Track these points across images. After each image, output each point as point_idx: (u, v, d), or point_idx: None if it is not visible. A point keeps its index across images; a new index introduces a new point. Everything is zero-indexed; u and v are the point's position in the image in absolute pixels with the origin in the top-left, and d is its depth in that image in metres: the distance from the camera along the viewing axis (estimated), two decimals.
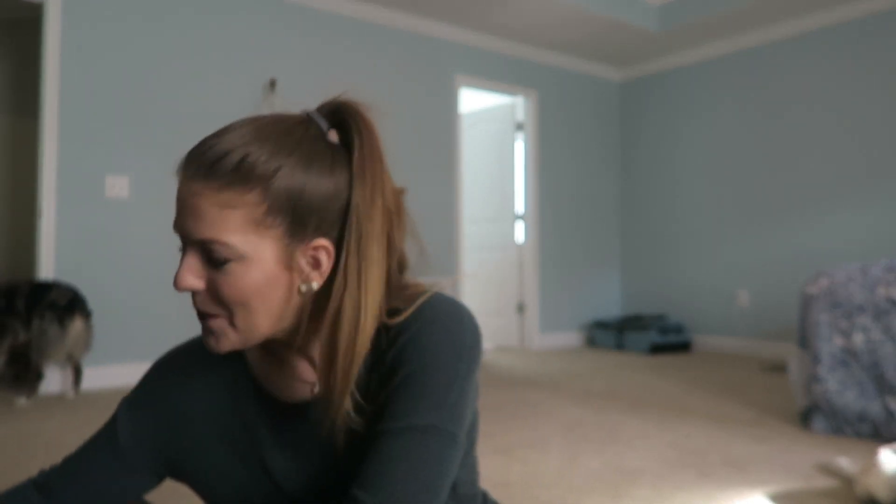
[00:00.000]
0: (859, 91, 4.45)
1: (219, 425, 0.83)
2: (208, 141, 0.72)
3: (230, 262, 0.69)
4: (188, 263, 0.70)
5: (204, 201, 0.69)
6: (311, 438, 0.80)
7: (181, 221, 0.70)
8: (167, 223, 3.76)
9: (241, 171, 0.69)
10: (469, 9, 4.57)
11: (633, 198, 5.86)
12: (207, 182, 0.69)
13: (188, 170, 0.70)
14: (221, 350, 0.73)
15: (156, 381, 0.87)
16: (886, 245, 4.21)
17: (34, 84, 3.64)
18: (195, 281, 0.70)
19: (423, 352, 0.73)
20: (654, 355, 4.90)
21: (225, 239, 0.68)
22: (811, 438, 2.51)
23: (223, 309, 0.71)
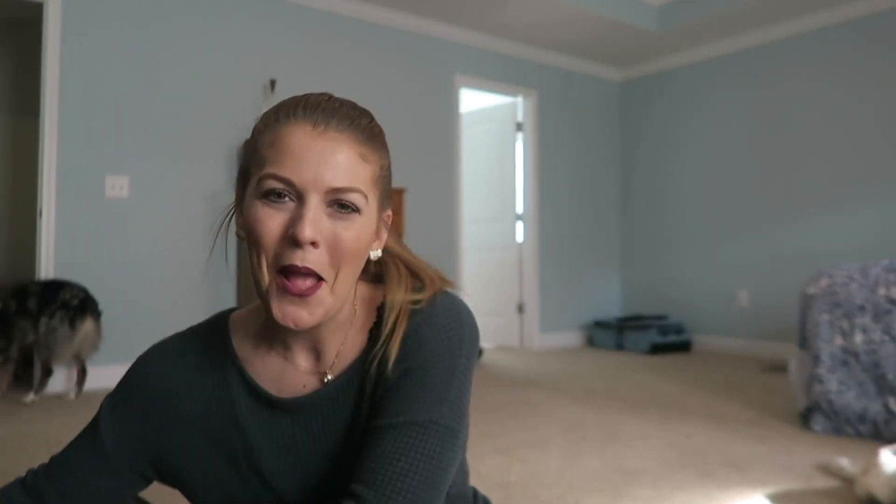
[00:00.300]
0: (859, 91, 4.45)
1: (206, 425, 0.80)
2: (327, 100, 0.73)
3: (357, 213, 0.70)
4: (312, 215, 0.67)
5: (350, 150, 0.70)
6: (305, 436, 0.78)
7: (313, 169, 0.68)
8: (167, 223, 3.76)
9: (372, 131, 0.74)
10: (469, 9, 4.57)
11: (633, 198, 5.86)
12: (352, 134, 0.71)
13: (328, 122, 0.70)
14: (308, 325, 0.70)
15: (138, 379, 0.82)
16: (886, 245, 4.21)
17: (34, 84, 3.64)
18: (319, 234, 0.68)
19: (423, 347, 0.73)
20: (654, 355, 4.89)
21: (363, 188, 0.70)
22: (811, 438, 2.51)
23: (333, 267, 0.69)
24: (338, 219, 0.69)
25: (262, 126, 0.73)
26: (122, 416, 0.82)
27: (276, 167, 0.69)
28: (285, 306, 0.69)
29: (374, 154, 0.73)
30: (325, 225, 0.69)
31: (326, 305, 0.71)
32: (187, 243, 3.81)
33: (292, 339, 0.78)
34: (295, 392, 0.78)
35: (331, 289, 0.70)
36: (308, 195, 0.68)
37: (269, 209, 0.69)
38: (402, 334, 0.74)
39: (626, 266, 5.89)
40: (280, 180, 0.68)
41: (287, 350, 0.79)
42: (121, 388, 0.84)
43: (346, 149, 0.70)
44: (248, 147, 0.75)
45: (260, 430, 0.78)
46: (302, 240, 0.66)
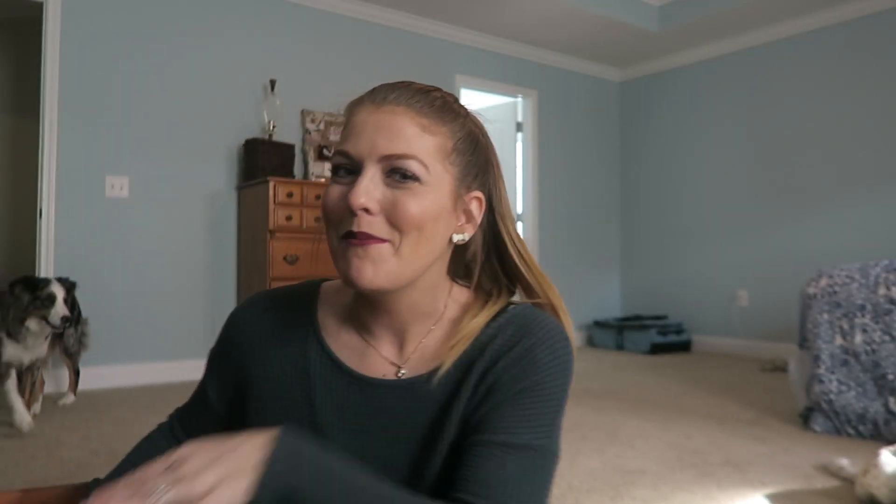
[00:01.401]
0: (859, 91, 4.45)
1: (279, 389, 0.79)
2: (395, 82, 0.75)
3: (416, 181, 0.70)
4: (366, 182, 0.69)
5: (406, 120, 0.71)
6: (377, 423, 0.76)
7: (369, 140, 0.70)
8: (167, 223, 3.76)
9: (442, 105, 0.74)
10: (469, 9, 4.57)
11: (633, 198, 5.85)
12: (411, 105, 0.71)
13: (387, 97, 0.72)
14: (372, 284, 0.70)
15: (228, 329, 0.85)
16: (886, 245, 4.21)
17: (34, 84, 3.64)
18: (372, 201, 0.69)
19: (538, 369, 0.72)
20: (654, 355, 4.89)
21: (422, 157, 0.70)
22: (811, 438, 2.51)
23: (395, 232, 0.70)
24: (396, 187, 0.70)
25: (344, 120, 0.77)
26: (216, 366, 0.86)
27: (341, 144, 0.72)
28: (350, 259, 0.70)
29: (441, 126, 0.73)
30: (381, 192, 0.69)
31: (391, 266, 0.70)
32: (187, 243, 3.81)
33: (374, 321, 0.78)
34: (381, 375, 0.77)
35: (395, 251, 0.70)
36: (364, 164, 0.70)
37: (334, 185, 0.73)
38: (514, 348, 0.73)
39: (626, 266, 5.89)
40: (340, 153, 0.72)
41: (369, 333, 0.79)
42: (218, 339, 0.87)
43: (402, 119, 0.70)
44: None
45: (331, 407, 0.77)
46: (352, 206, 0.68)
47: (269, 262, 3.55)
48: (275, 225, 3.56)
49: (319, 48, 4.32)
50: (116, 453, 1.98)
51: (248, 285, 3.80)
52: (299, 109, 4.17)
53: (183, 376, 3.70)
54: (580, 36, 5.09)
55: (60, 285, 2.58)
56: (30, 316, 2.54)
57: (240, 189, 3.93)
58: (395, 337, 0.78)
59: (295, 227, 3.62)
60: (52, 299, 2.53)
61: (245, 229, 3.87)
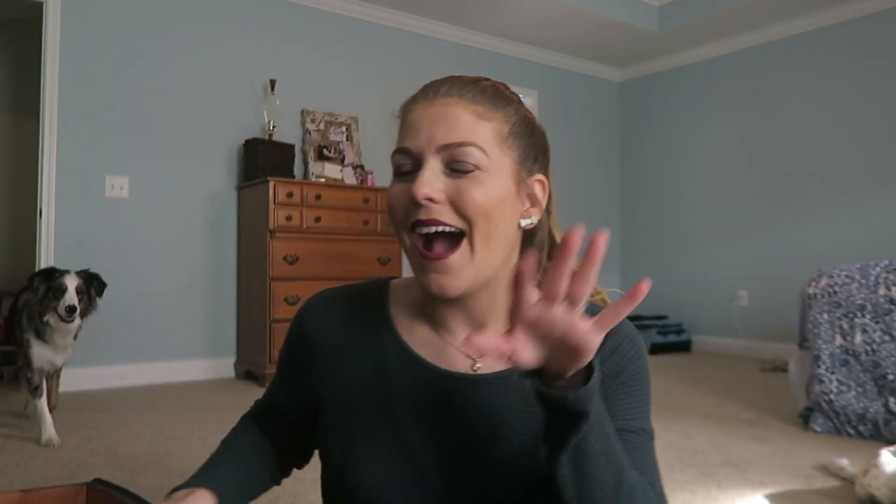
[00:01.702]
0: (859, 91, 4.45)
1: (357, 386, 0.78)
2: (445, 77, 0.76)
3: (478, 169, 0.70)
4: (427, 174, 0.69)
5: (461, 109, 0.71)
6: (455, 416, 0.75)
7: (427, 133, 0.70)
8: (167, 223, 3.76)
9: (494, 91, 0.75)
10: (469, 9, 4.57)
11: (634, 198, 5.85)
12: (463, 95, 0.72)
13: (438, 90, 0.73)
14: (456, 292, 0.70)
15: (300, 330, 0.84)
16: (886, 245, 4.21)
17: (34, 84, 3.64)
18: (435, 191, 0.69)
19: (630, 361, 0.77)
20: (654, 355, 4.89)
21: (480, 144, 0.70)
22: (811, 438, 2.51)
23: (463, 221, 0.70)
24: (458, 177, 0.70)
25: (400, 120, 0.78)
26: (286, 371, 0.87)
27: (400, 142, 0.74)
28: (429, 275, 0.71)
29: (495, 111, 0.73)
30: (443, 183, 0.70)
31: (469, 269, 0.71)
32: (187, 243, 3.81)
33: (450, 316, 0.77)
34: (460, 368, 0.77)
35: (470, 250, 0.70)
36: (424, 158, 0.70)
37: (398, 184, 0.73)
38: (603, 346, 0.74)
39: (626, 266, 5.89)
40: (400, 151, 0.72)
41: (445, 329, 0.78)
42: (287, 341, 0.87)
43: (457, 109, 0.71)
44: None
45: (411, 403, 0.76)
46: (416, 196, 0.68)
47: (269, 262, 3.55)
48: (275, 225, 3.56)
49: (319, 48, 4.32)
50: (116, 453, 1.98)
51: (248, 285, 3.80)
52: (299, 109, 4.17)
53: (183, 376, 3.70)
54: (580, 36, 5.09)
55: (75, 276, 2.44)
56: (47, 310, 2.39)
57: (240, 189, 3.93)
58: (470, 330, 0.78)
59: (295, 227, 3.62)
60: (63, 289, 2.38)
61: (245, 229, 3.87)
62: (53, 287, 2.39)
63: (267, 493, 0.91)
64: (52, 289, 2.39)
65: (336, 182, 3.99)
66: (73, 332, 2.47)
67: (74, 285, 2.41)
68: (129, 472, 2.04)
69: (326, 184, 3.85)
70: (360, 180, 4.14)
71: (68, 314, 2.36)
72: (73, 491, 1.01)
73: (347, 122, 4.31)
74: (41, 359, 2.44)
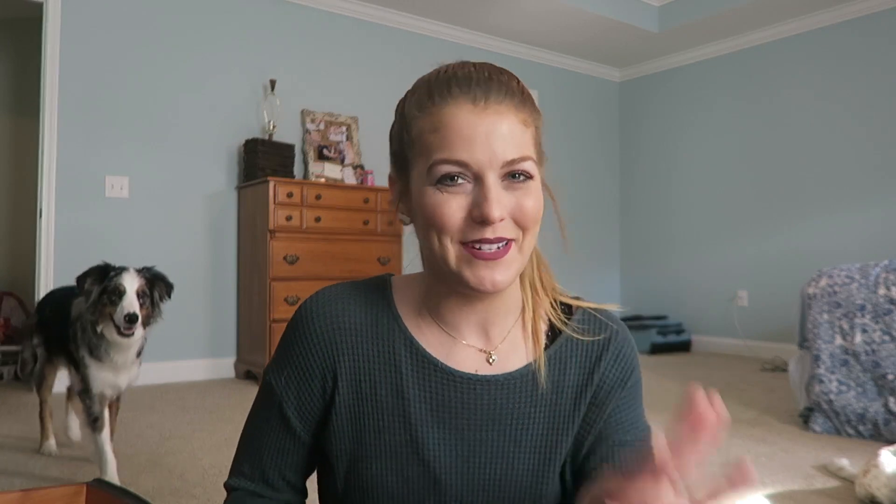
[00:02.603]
0: (859, 91, 4.45)
1: (367, 388, 0.76)
2: (476, 71, 0.71)
3: (531, 179, 0.70)
4: (496, 193, 0.67)
5: (513, 119, 0.69)
6: (470, 416, 0.75)
7: (486, 148, 0.67)
8: (167, 223, 3.76)
9: (524, 92, 0.72)
10: (469, 9, 4.57)
11: (633, 198, 5.85)
12: (511, 98, 0.70)
13: (487, 97, 0.69)
14: (498, 287, 0.70)
15: (314, 334, 0.77)
16: (886, 245, 4.21)
17: (34, 84, 3.64)
18: (504, 210, 0.68)
19: (632, 365, 0.79)
20: (654, 355, 4.89)
21: (531, 154, 0.70)
22: (811, 438, 2.51)
23: (518, 231, 0.70)
24: (515, 189, 0.70)
25: (415, 111, 0.72)
26: (292, 380, 0.78)
27: (446, 151, 0.68)
28: (479, 271, 0.69)
29: (531, 116, 0.73)
30: (506, 199, 0.69)
31: (516, 265, 0.71)
32: (187, 243, 3.81)
33: (461, 317, 0.77)
34: (471, 369, 0.77)
35: (519, 248, 0.71)
36: (485, 174, 0.68)
37: (445, 194, 0.69)
38: (608, 348, 0.79)
39: (626, 266, 5.89)
40: (454, 163, 0.68)
41: (453, 327, 0.77)
42: (288, 343, 0.79)
43: (509, 119, 0.69)
44: (401, 133, 0.74)
45: (424, 403, 0.75)
46: (492, 220, 0.67)
47: (269, 262, 3.55)
48: (275, 225, 3.56)
49: (319, 48, 4.32)
50: (116, 453, 1.98)
51: (248, 285, 3.80)
52: (299, 109, 4.17)
53: (183, 376, 3.70)
54: (580, 36, 5.09)
55: (136, 274, 1.95)
56: (101, 318, 1.91)
57: (240, 189, 3.93)
58: (480, 331, 0.78)
59: (295, 227, 3.62)
60: (121, 292, 1.90)
61: (245, 229, 3.87)
62: (108, 289, 1.92)
63: None
64: (106, 291, 1.92)
65: (336, 182, 3.99)
66: (135, 347, 2.00)
67: (135, 287, 1.93)
68: (129, 472, 2.04)
69: (326, 184, 3.85)
70: (360, 180, 4.14)
71: (128, 325, 1.88)
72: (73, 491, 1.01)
73: (347, 122, 4.31)
74: (101, 382, 1.97)
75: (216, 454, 2.26)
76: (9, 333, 4.00)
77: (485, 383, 0.75)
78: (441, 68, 0.75)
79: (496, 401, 0.75)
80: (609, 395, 0.77)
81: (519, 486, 0.75)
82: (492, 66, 0.74)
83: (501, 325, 0.78)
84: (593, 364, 0.77)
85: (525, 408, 0.76)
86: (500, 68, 0.74)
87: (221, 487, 0.87)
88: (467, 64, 0.74)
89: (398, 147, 0.75)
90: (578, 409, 0.76)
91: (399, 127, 0.75)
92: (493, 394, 0.75)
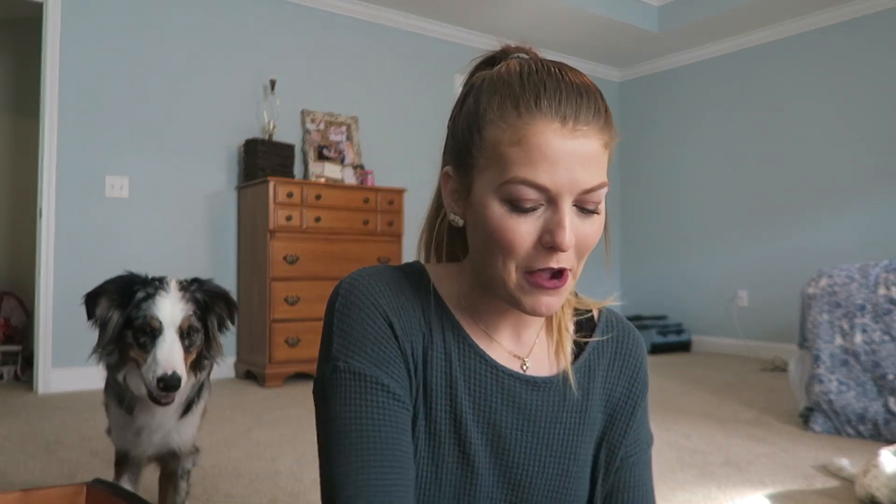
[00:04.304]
0: (859, 91, 4.45)
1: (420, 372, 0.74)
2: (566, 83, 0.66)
3: (599, 210, 0.68)
4: (570, 221, 0.65)
5: (596, 143, 0.66)
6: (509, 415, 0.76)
7: (568, 173, 0.64)
8: (167, 223, 3.76)
9: (608, 111, 0.68)
10: (469, 9, 4.57)
11: (633, 198, 5.85)
12: (597, 120, 0.66)
13: (577, 116, 0.64)
14: (554, 311, 0.70)
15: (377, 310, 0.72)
16: (886, 245, 4.21)
17: (34, 84, 3.64)
18: (573, 238, 0.66)
19: (645, 377, 0.82)
20: (654, 355, 4.89)
21: (607, 181, 0.68)
22: (811, 438, 2.51)
23: (576, 260, 0.69)
24: (584, 218, 0.67)
25: (493, 116, 0.66)
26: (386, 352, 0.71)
27: (528, 171, 0.64)
28: (539, 298, 0.68)
29: (612, 138, 0.69)
30: (577, 228, 0.66)
31: (568, 291, 0.70)
32: (187, 243, 3.81)
33: (498, 318, 0.77)
34: (508, 367, 0.77)
35: (573, 276, 0.70)
36: (562, 200, 0.65)
37: (519, 218, 0.66)
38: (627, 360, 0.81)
39: (626, 266, 5.89)
40: (535, 187, 0.64)
41: (490, 326, 0.77)
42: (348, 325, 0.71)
43: (594, 143, 0.65)
44: (471, 136, 0.69)
45: (468, 393, 0.74)
46: (564, 248, 0.65)
47: (269, 262, 3.55)
48: (275, 225, 3.56)
49: (319, 48, 4.32)
50: None
51: (248, 285, 3.80)
52: (299, 109, 4.17)
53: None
54: (580, 36, 5.09)
55: (180, 296, 1.33)
56: (123, 364, 1.28)
57: (240, 189, 3.93)
58: (513, 333, 0.78)
59: (295, 227, 3.62)
60: (154, 332, 1.25)
61: (245, 229, 3.87)
62: (135, 324, 1.27)
63: (266, 494, 0.90)
64: (132, 326, 1.27)
65: (336, 182, 3.99)
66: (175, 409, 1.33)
67: (178, 322, 1.27)
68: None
69: (326, 184, 3.85)
70: (360, 180, 4.14)
71: (164, 391, 1.21)
72: (73, 491, 1.01)
73: (347, 122, 4.31)
74: (123, 439, 1.37)
75: (216, 454, 2.26)
76: (9, 333, 4.00)
77: (524, 382, 0.76)
78: (526, 68, 0.68)
79: (533, 401, 0.77)
80: (633, 411, 0.81)
81: (546, 487, 0.76)
82: (580, 76, 0.68)
83: (533, 327, 0.79)
84: (618, 373, 0.81)
85: (557, 412, 0.78)
86: (587, 80, 0.68)
87: (221, 487, 0.86)
88: (553, 69, 0.68)
89: (464, 142, 0.70)
90: (601, 415, 0.80)
91: (468, 125, 0.69)
92: (530, 394, 0.77)
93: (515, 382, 0.76)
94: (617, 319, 0.84)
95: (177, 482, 1.45)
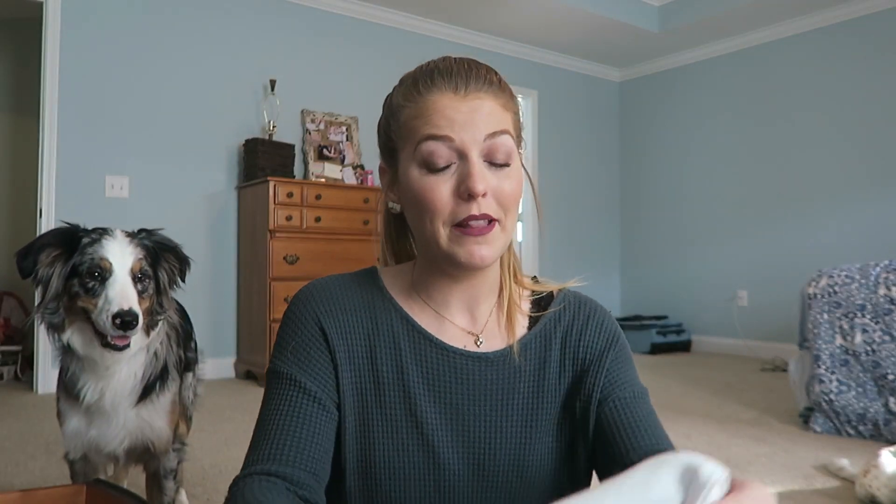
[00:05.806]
0: (859, 91, 4.45)
1: (370, 365, 0.79)
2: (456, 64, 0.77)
3: (510, 161, 0.75)
4: (479, 169, 0.72)
5: (493, 101, 0.75)
6: (465, 392, 0.79)
7: (468, 128, 0.72)
8: (167, 223, 3.74)
9: (501, 82, 0.79)
10: (469, 9, 4.57)
11: (633, 198, 5.85)
12: (489, 87, 0.76)
13: (468, 86, 0.74)
14: (485, 262, 0.75)
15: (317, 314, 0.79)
16: (886, 245, 4.21)
17: (34, 84, 3.64)
18: (487, 186, 0.73)
19: (614, 333, 0.84)
20: (654, 355, 4.89)
21: (511, 131, 0.76)
22: (811, 438, 2.51)
23: (500, 211, 0.75)
24: (496, 171, 0.74)
25: (401, 101, 0.77)
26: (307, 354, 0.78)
27: (431, 129, 0.73)
28: (469, 247, 0.74)
29: (511, 101, 0.78)
30: (489, 178, 0.73)
31: (500, 243, 0.76)
32: (187, 243, 3.78)
33: (450, 294, 0.81)
34: (458, 347, 0.81)
35: (502, 228, 0.76)
36: (469, 152, 0.73)
37: (436, 176, 0.73)
38: (588, 324, 0.83)
39: (626, 266, 5.89)
40: (440, 138, 0.73)
41: (442, 307, 0.82)
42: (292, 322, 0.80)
43: (489, 102, 0.75)
44: (389, 125, 0.79)
45: (421, 377, 0.79)
46: (476, 193, 0.71)
47: (269, 262, 3.55)
48: (275, 225, 3.56)
49: (319, 48, 4.32)
50: None
51: (248, 285, 3.80)
52: (299, 109, 4.17)
53: None
54: (580, 36, 5.09)
55: (129, 241, 1.22)
56: (70, 318, 1.17)
57: (240, 189, 3.93)
58: (466, 310, 0.82)
59: (295, 227, 3.62)
60: (104, 273, 1.16)
61: (245, 229, 3.87)
62: (82, 269, 1.16)
63: None
64: (77, 273, 1.16)
65: (336, 182, 3.99)
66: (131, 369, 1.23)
67: (129, 264, 1.20)
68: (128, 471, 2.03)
69: (326, 184, 3.85)
70: (360, 180, 4.14)
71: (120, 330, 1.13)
72: (73, 491, 1.01)
73: (347, 122, 4.31)
74: (73, 431, 1.24)
75: (216, 454, 2.26)
76: (9, 333, 4.00)
77: (475, 359, 0.80)
78: (425, 63, 0.80)
79: (486, 376, 0.80)
80: (600, 360, 0.81)
81: (505, 454, 0.79)
82: (472, 60, 0.79)
83: (485, 304, 0.83)
84: (578, 336, 0.82)
85: (511, 382, 0.80)
86: (480, 63, 0.79)
87: (221, 487, 0.87)
88: (449, 58, 0.79)
89: (386, 137, 0.80)
90: (563, 380, 0.81)
91: (386, 118, 0.80)
92: (483, 369, 0.80)
93: (466, 360, 0.79)
94: (575, 295, 0.87)
95: (161, 482, 1.37)
